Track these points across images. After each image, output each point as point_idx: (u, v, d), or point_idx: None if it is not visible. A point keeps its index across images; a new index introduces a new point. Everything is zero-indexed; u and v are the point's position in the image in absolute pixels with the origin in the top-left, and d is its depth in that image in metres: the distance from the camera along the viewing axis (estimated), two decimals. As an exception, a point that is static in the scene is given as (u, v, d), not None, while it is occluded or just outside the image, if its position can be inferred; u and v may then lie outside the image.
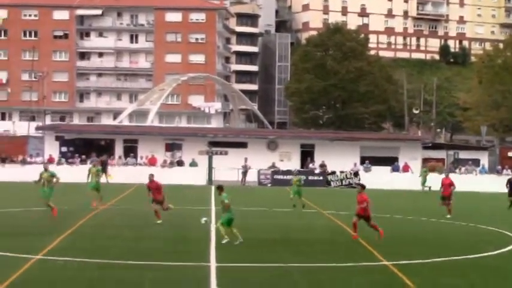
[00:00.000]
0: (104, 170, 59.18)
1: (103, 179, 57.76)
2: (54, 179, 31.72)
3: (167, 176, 59.54)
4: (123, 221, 30.42)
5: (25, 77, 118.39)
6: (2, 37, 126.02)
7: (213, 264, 20.68)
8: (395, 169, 64.76)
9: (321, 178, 62.64)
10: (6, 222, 29.61)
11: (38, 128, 73.56)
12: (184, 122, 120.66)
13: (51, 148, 65.59)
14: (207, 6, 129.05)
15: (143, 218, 32.12)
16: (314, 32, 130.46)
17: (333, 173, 62.66)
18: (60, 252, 21.84)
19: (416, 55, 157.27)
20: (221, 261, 21.08)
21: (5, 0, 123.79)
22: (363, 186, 26.57)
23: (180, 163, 64.48)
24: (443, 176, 40.18)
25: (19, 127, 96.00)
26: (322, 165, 64.21)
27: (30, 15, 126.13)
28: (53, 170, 33.47)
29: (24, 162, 62.04)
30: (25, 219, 30.85)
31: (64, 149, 66.12)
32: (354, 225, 26.07)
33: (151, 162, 63.69)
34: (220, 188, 24.74)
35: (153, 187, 30.13)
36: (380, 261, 21.77)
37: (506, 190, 42.97)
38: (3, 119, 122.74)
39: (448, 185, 36.27)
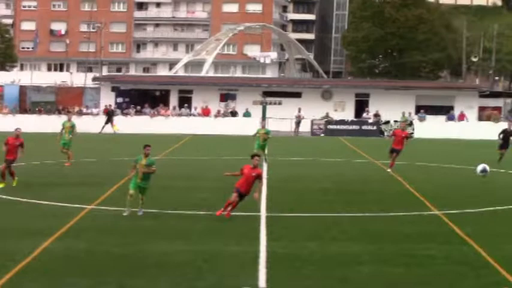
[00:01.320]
0: (110, 121, 59.72)
1: (109, 129, 58.65)
2: (74, 130, 33.71)
3: (221, 127, 60.23)
4: (176, 172, 30.71)
5: (83, 28, 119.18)
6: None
7: (263, 214, 20.83)
8: (451, 118, 63.94)
9: (375, 128, 62.13)
10: (61, 173, 30.14)
11: (94, 79, 74.17)
12: (239, 72, 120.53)
13: (107, 99, 66.17)
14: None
15: (196, 169, 32.46)
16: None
17: (387, 122, 62.06)
18: (112, 202, 22.23)
19: (477, 1, 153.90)
20: (271, 211, 21.24)
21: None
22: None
23: (233, 113, 64.44)
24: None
25: (76, 78, 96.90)
26: (376, 115, 63.76)
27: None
28: (74, 122, 34.60)
29: (80, 113, 62.80)
30: (79, 170, 31.33)
31: (120, 99, 66.70)
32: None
33: (205, 113, 63.85)
34: None
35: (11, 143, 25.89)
36: (431, 211, 21.75)
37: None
38: (61, 70, 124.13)
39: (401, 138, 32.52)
